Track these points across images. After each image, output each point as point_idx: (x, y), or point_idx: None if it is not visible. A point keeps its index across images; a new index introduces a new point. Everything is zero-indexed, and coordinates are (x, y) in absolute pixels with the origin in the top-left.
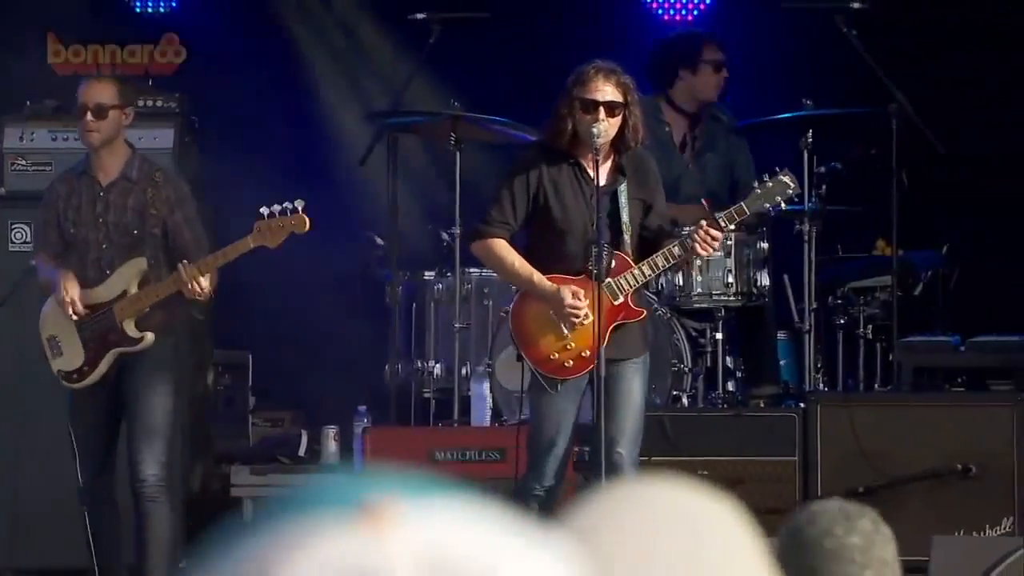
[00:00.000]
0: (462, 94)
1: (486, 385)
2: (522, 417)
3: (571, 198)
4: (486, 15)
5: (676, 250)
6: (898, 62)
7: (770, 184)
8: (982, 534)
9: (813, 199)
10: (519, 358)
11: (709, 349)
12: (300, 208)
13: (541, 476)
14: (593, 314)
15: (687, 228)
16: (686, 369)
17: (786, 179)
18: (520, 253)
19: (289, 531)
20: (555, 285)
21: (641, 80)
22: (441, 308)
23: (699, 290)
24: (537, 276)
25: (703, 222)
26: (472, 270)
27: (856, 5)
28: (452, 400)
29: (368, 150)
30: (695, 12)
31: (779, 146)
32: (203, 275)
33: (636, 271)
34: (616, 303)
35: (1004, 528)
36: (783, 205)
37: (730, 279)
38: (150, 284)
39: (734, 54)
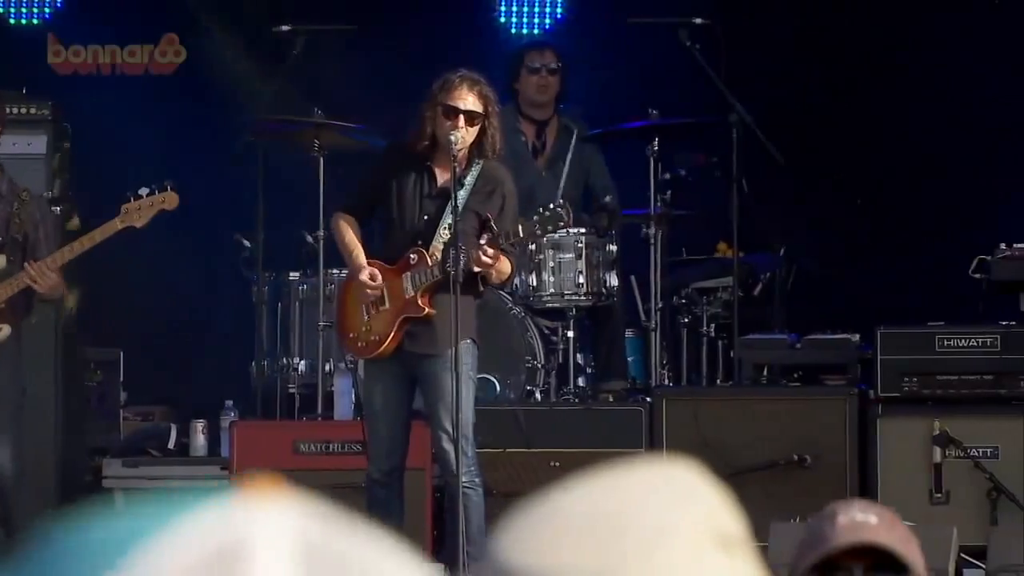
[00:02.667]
0: (326, 103)
1: (348, 381)
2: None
3: (409, 196)
4: (352, 27)
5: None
6: (738, 75)
7: (547, 214)
8: None
9: (659, 204)
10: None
11: (561, 346)
12: (169, 186)
13: (371, 458)
14: (391, 305)
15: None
16: (539, 365)
17: (560, 211)
18: (369, 240)
19: (158, 515)
20: (361, 263)
21: (501, 90)
22: (305, 307)
23: (551, 290)
24: (356, 252)
25: (484, 241)
26: (335, 271)
27: (698, 21)
28: (316, 395)
29: (235, 156)
30: (545, 26)
31: (627, 153)
32: (51, 270)
33: (435, 269)
34: (407, 296)
35: None
36: (556, 235)
37: (581, 280)
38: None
39: (584, 66)
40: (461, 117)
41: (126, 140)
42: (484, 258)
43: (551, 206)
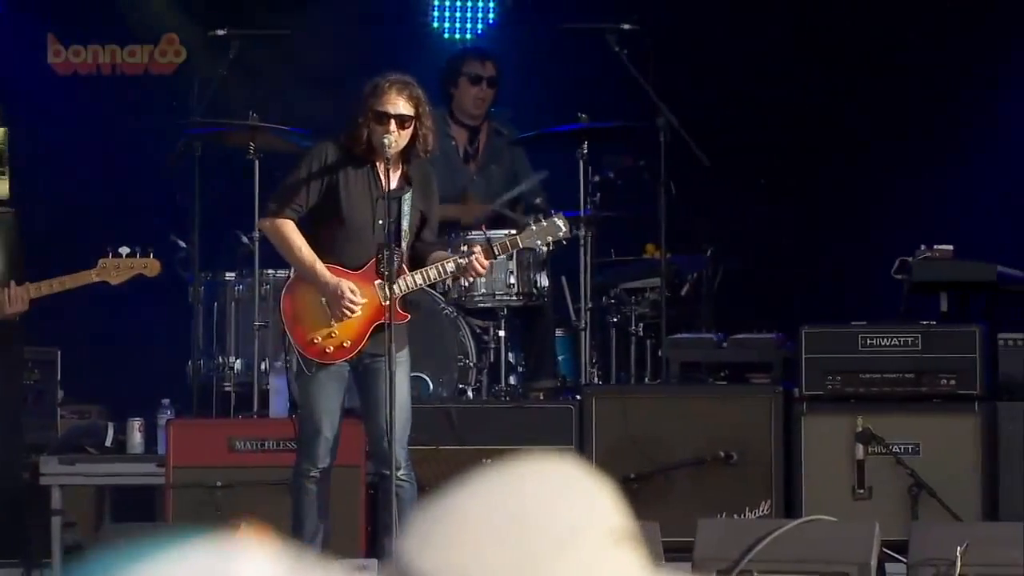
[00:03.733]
0: (261, 106)
1: (283, 379)
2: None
3: (359, 197)
4: (287, 31)
5: (450, 267)
6: (666, 79)
7: (544, 224)
8: (743, 516)
9: (588, 207)
10: (283, 336)
11: (492, 346)
12: (152, 253)
13: (313, 458)
14: (363, 311)
15: (474, 233)
16: (471, 364)
17: (559, 222)
18: (310, 239)
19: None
20: (336, 277)
21: (432, 95)
22: (241, 307)
23: (483, 291)
24: (320, 265)
25: (478, 251)
26: (270, 271)
27: (627, 27)
28: (251, 394)
29: (171, 158)
30: (478, 31)
31: (557, 157)
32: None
33: (409, 278)
34: (383, 304)
35: (763, 510)
36: (551, 245)
37: (512, 280)
38: None
39: (516, 71)
40: (393, 122)
41: (70, 141)
42: (479, 268)
43: (549, 215)
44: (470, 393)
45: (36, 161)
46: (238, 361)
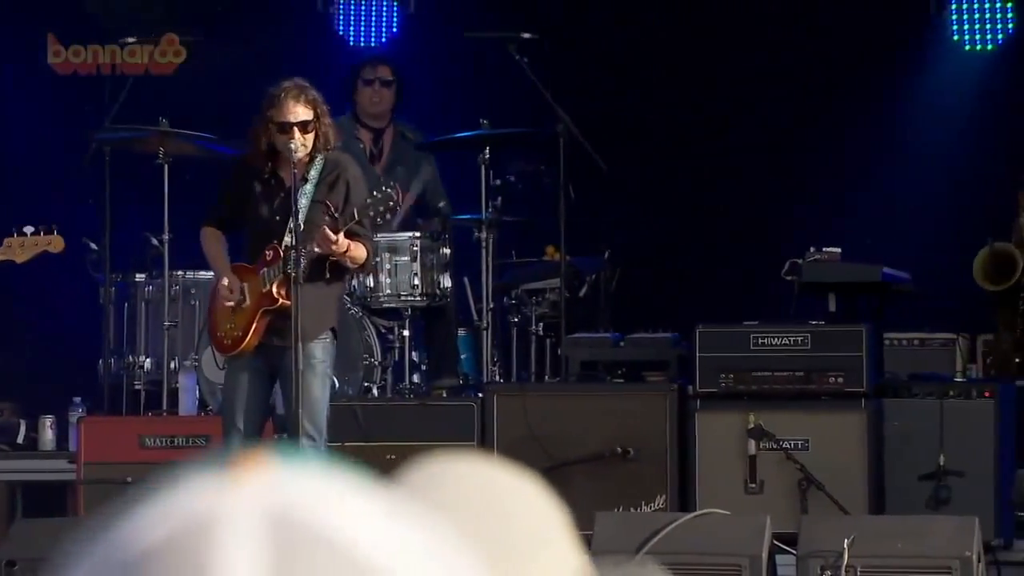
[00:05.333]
0: (171, 111)
1: (193, 378)
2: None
3: (262, 201)
4: (198, 38)
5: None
6: (565, 86)
7: (379, 196)
8: (639, 510)
9: (490, 210)
10: (201, 335)
11: (397, 345)
12: (55, 229)
13: (229, 449)
14: (250, 300)
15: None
16: (376, 363)
17: (391, 192)
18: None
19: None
20: (222, 271)
21: (339, 100)
22: (151, 307)
23: (388, 291)
24: (220, 263)
25: (324, 226)
26: (179, 272)
27: (527, 36)
28: (161, 392)
29: (83, 162)
30: (383, 39)
31: (460, 161)
32: None
33: (282, 264)
34: (263, 291)
35: (658, 504)
36: (388, 216)
37: (416, 281)
38: None
39: (420, 79)
40: (295, 129)
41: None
42: (327, 243)
43: (383, 188)
44: (375, 391)
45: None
46: (148, 360)
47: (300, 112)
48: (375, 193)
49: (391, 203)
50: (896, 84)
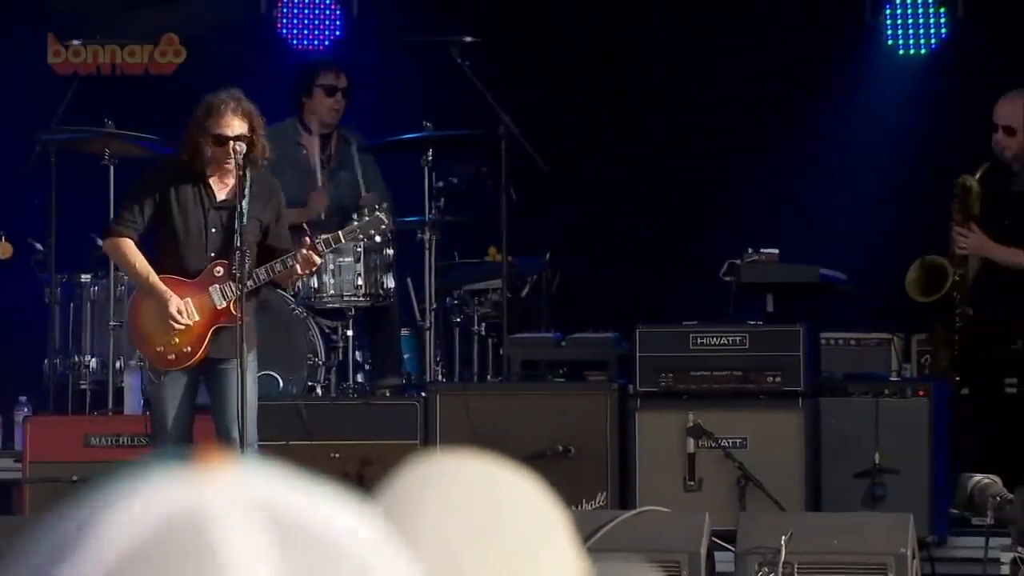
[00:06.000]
0: (117, 113)
1: (138, 377)
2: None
3: (191, 210)
4: (140, 42)
5: (278, 267)
6: (507, 88)
7: (368, 219)
8: (580, 508)
9: (433, 211)
10: (118, 356)
11: (341, 344)
12: (4, 236)
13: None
14: (201, 317)
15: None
16: (320, 362)
17: (381, 215)
18: (148, 252)
19: (116, 489)
20: (168, 293)
21: (282, 104)
22: (97, 307)
23: (332, 292)
24: (153, 277)
25: (304, 247)
26: (124, 272)
27: (468, 39)
28: (106, 391)
29: (29, 162)
30: (326, 42)
31: (403, 163)
32: None
33: (240, 279)
34: (219, 307)
35: (599, 502)
36: (377, 238)
37: (359, 282)
38: None
39: (363, 82)
40: (232, 141)
41: None
42: (307, 265)
43: (373, 210)
44: (319, 390)
45: None
46: (94, 360)
47: (237, 125)
48: (365, 216)
49: (382, 227)
50: (832, 88)
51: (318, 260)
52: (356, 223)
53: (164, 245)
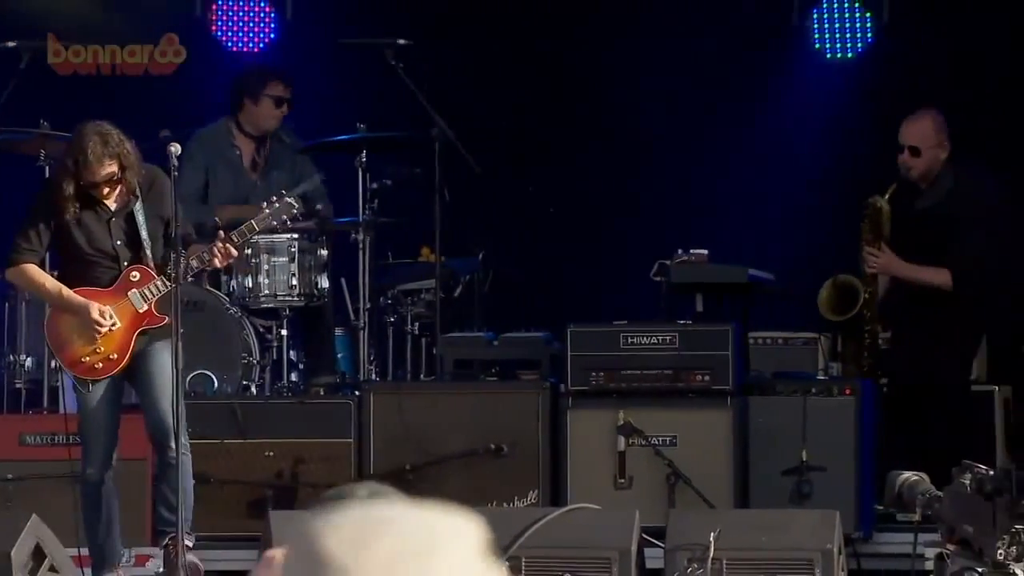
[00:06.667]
0: (52, 114)
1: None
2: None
3: (91, 225)
4: (74, 44)
5: (194, 262)
6: (440, 91)
7: (277, 205)
8: (512, 505)
9: (367, 212)
10: (51, 358)
11: (275, 344)
12: None
13: (95, 463)
14: (123, 323)
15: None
16: (254, 362)
17: (291, 200)
18: (59, 273)
19: None
20: (85, 300)
21: (216, 105)
22: (31, 307)
23: (266, 292)
24: (66, 292)
25: (219, 240)
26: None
27: (402, 42)
28: (41, 390)
29: None
30: (261, 44)
31: (338, 165)
32: None
33: (159, 281)
34: (141, 311)
35: (531, 499)
36: (289, 223)
37: (294, 282)
38: None
39: (298, 83)
40: (104, 187)
41: None
42: (222, 256)
43: (282, 195)
44: (254, 389)
45: None
46: (29, 359)
47: (107, 167)
48: (275, 203)
49: (293, 211)
50: (762, 90)
51: (235, 252)
52: (267, 210)
53: (71, 264)
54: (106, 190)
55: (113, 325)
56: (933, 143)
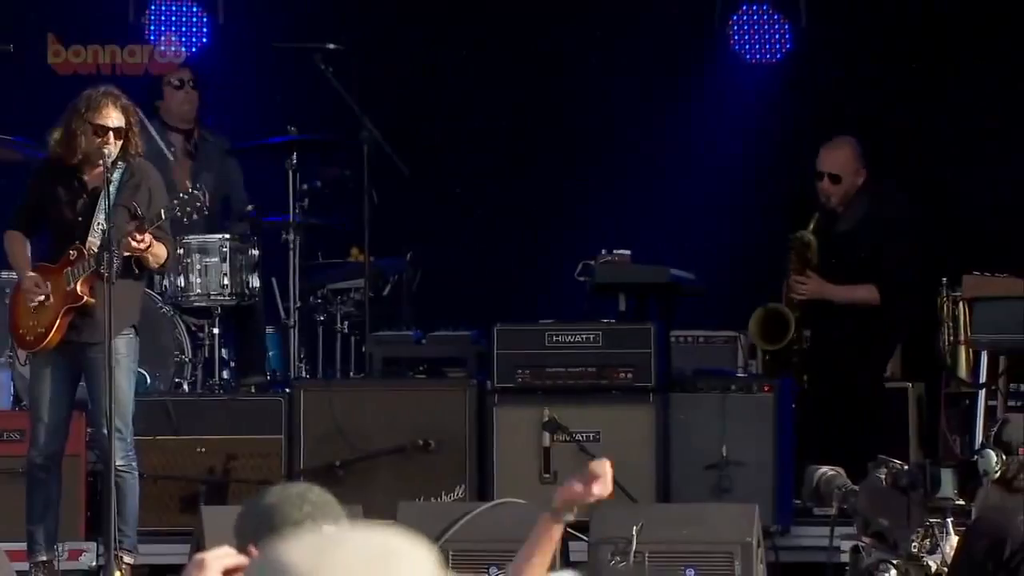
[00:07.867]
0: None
1: (8, 374)
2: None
3: (64, 202)
4: (7, 46)
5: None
6: (369, 94)
7: (185, 197)
8: (440, 499)
9: (297, 213)
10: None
11: (207, 342)
12: None
13: (37, 444)
14: (55, 298)
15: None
16: (187, 360)
17: (198, 193)
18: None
19: None
20: (25, 272)
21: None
22: None
23: (198, 291)
24: (22, 262)
25: (131, 229)
26: (4, 273)
27: (331, 46)
28: None
29: None
30: (193, 48)
31: (268, 166)
32: None
33: (90, 261)
34: (67, 288)
35: (458, 494)
36: (195, 216)
37: (225, 281)
38: None
39: (230, 86)
40: (111, 134)
41: None
42: (134, 243)
43: (190, 190)
44: (186, 387)
45: None
46: None
47: (116, 118)
48: (182, 195)
49: (198, 204)
50: (683, 92)
51: (137, 243)
52: (176, 202)
53: (48, 237)
54: (102, 147)
55: (46, 299)
56: (852, 170)
